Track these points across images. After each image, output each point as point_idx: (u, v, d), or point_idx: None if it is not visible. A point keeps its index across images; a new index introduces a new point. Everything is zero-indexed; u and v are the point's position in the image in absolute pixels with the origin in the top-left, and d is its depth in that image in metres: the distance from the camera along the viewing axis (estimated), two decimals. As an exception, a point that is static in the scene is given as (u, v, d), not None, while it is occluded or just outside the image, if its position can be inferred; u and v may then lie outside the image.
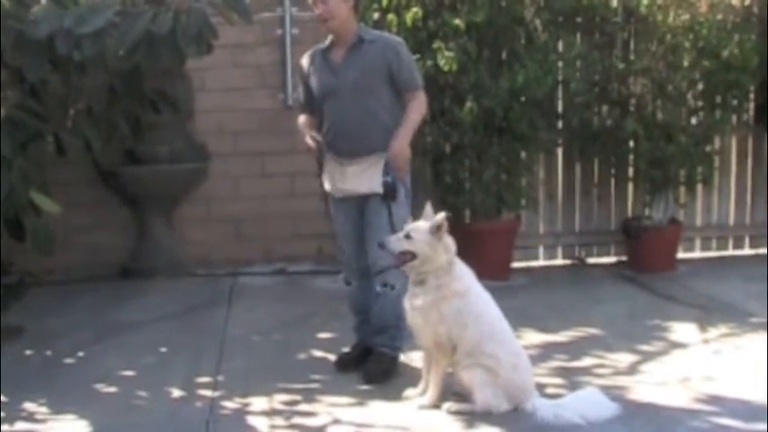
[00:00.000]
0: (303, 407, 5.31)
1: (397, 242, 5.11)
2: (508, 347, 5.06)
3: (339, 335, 6.14)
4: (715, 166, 8.70)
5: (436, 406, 5.13)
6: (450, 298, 5.05)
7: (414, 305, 5.16)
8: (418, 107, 5.68)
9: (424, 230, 5.05)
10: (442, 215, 5.06)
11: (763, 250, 8.93)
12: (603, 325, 6.73)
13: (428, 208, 5.21)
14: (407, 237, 5.08)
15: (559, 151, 8.74)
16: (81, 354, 6.35)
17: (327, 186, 5.74)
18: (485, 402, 4.96)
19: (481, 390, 4.97)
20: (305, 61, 5.80)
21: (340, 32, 5.60)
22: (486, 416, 4.96)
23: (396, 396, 5.34)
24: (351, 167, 5.58)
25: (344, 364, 5.87)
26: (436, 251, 5.05)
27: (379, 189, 5.50)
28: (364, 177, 5.57)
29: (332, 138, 5.63)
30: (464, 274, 5.13)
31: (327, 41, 5.69)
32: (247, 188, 8.53)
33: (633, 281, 8.05)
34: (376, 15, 7.72)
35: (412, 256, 5.07)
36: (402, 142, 5.53)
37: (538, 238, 8.86)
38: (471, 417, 4.99)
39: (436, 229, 5.02)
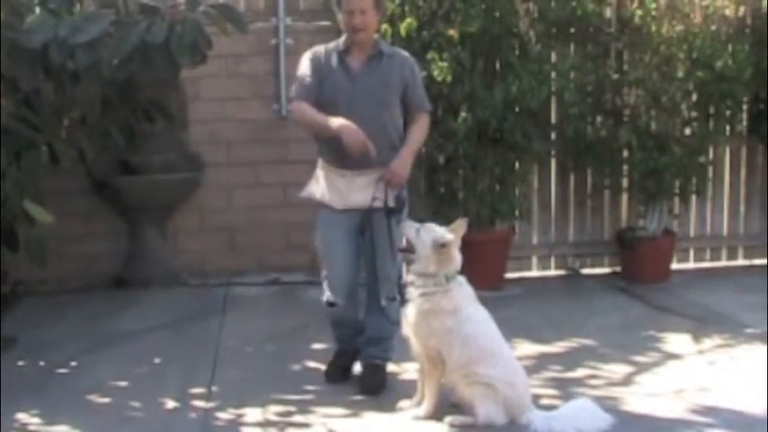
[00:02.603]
0: (297, 418, 5.30)
1: (409, 229, 5.20)
2: (504, 367, 5.05)
3: (333, 345, 6.12)
4: (709, 177, 8.71)
5: (431, 417, 5.13)
6: (440, 314, 5.06)
7: (406, 314, 5.18)
8: (422, 128, 5.71)
9: (431, 236, 5.08)
10: (448, 238, 5.07)
11: (757, 261, 8.93)
12: (597, 336, 6.73)
13: (459, 222, 5.21)
14: (418, 231, 5.13)
15: (553, 162, 8.74)
16: (74, 364, 6.33)
17: (325, 198, 5.62)
18: (486, 415, 4.95)
19: (482, 403, 4.96)
20: (317, 58, 5.61)
21: (366, 43, 5.55)
22: (484, 429, 4.96)
23: (391, 407, 5.33)
24: (359, 179, 5.51)
25: (334, 375, 5.85)
26: (429, 260, 5.08)
27: (391, 202, 5.49)
28: (373, 190, 5.50)
29: (341, 146, 5.42)
30: (459, 294, 5.12)
31: (342, 45, 5.59)
32: (241, 198, 8.52)
33: (627, 291, 8.05)
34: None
35: (411, 249, 5.13)
36: (405, 161, 5.52)
37: (532, 248, 8.85)
38: (468, 429, 5.00)
39: (439, 246, 5.04)
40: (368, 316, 5.79)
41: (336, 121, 5.34)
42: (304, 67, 5.63)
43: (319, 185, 5.69)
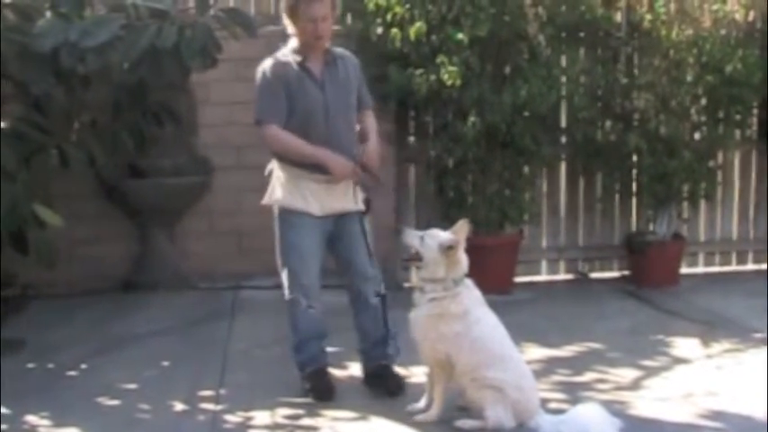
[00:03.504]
0: (306, 421, 5.31)
1: (411, 237, 5.20)
2: (513, 371, 5.04)
3: (342, 349, 6.13)
4: (718, 182, 8.71)
5: (439, 421, 5.13)
6: (448, 319, 5.06)
7: (414, 318, 5.19)
8: (374, 124, 5.77)
9: (437, 241, 5.09)
10: (452, 238, 5.09)
11: (766, 265, 8.90)
12: (606, 340, 6.73)
13: (461, 223, 5.19)
14: (422, 238, 5.13)
15: (562, 166, 8.75)
16: (83, 366, 6.34)
17: (300, 205, 5.52)
18: (496, 419, 4.94)
19: (492, 407, 4.95)
20: (279, 73, 5.51)
21: (322, 48, 5.53)
22: (492, 432, 4.98)
23: (399, 410, 5.32)
24: (337, 185, 5.52)
25: (326, 395, 5.65)
26: (438, 264, 5.08)
27: (362, 205, 5.60)
28: (350, 194, 5.58)
29: None
30: (467, 298, 5.12)
31: (299, 54, 5.51)
32: (250, 202, 8.43)
33: (636, 296, 8.04)
34: (380, 30, 7.73)
35: (418, 257, 5.13)
36: (376, 145, 5.62)
37: (541, 252, 8.85)
38: (475, 433, 5.01)
39: (446, 248, 5.04)
40: (360, 319, 5.80)
41: (323, 155, 5.39)
42: (268, 85, 5.54)
43: (290, 192, 5.56)
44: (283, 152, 5.56)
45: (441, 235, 5.13)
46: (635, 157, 8.38)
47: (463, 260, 5.12)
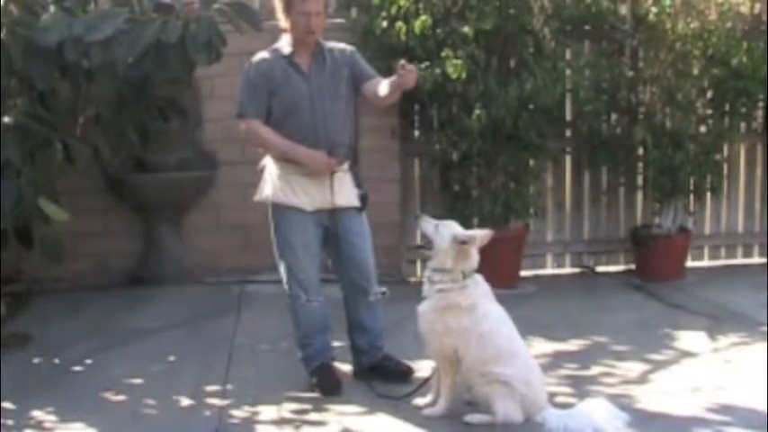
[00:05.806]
0: (312, 416, 5.30)
1: (427, 224, 5.23)
2: (521, 366, 5.03)
3: (347, 343, 6.12)
4: (724, 175, 8.70)
5: (446, 415, 5.13)
6: (456, 311, 5.05)
7: (421, 311, 5.18)
8: None
9: (450, 232, 5.11)
10: (469, 234, 5.13)
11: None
12: (612, 334, 6.72)
13: (486, 232, 5.24)
14: (437, 227, 5.17)
15: (568, 159, 8.75)
16: (89, 362, 6.34)
17: (293, 201, 5.58)
18: (505, 414, 4.94)
19: (501, 401, 4.94)
20: (263, 71, 5.56)
21: (314, 42, 5.56)
22: (499, 427, 4.95)
23: (405, 405, 5.32)
24: (327, 181, 5.54)
25: (333, 390, 5.66)
26: (447, 254, 5.09)
27: (357, 201, 5.63)
28: (345, 188, 5.61)
29: (308, 147, 5.52)
30: (475, 291, 5.11)
31: (287, 49, 5.56)
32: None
33: (642, 289, 8.03)
34: (384, 23, 7.72)
35: (430, 245, 5.15)
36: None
37: (546, 246, 8.85)
38: (485, 427, 4.99)
39: (459, 242, 5.05)
40: (361, 316, 5.84)
41: (298, 151, 5.47)
42: (251, 81, 5.58)
43: (282, 188, 5.62)
44: (261, 146, 5.72)
45: (455, 227, 5.17)
46: (640, 151, 8.39)
47: (474, 256, 5.12)
